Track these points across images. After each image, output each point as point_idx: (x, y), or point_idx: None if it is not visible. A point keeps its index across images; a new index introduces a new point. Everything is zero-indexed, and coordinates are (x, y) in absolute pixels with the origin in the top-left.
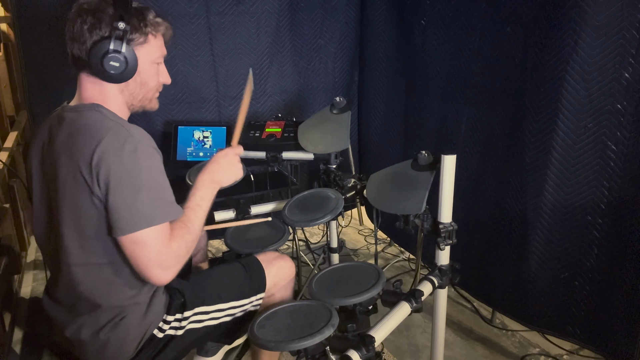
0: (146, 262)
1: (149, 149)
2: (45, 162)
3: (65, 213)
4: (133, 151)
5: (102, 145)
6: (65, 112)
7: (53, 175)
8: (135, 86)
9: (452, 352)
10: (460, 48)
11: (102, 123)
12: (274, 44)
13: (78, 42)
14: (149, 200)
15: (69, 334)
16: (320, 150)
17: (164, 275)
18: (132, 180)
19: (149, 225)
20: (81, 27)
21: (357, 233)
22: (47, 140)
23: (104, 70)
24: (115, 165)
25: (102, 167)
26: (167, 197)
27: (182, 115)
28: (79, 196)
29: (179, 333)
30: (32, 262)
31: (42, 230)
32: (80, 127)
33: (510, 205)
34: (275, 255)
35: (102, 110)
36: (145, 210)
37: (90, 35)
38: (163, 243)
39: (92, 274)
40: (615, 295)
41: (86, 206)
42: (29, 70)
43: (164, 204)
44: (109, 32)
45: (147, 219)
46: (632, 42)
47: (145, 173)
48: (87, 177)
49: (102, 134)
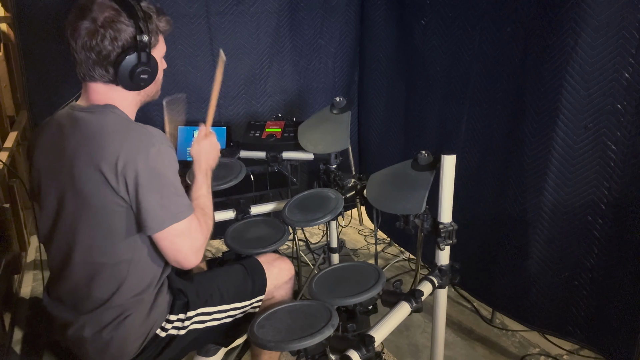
0: (185, 250)
1: (169, 149)
2: (59, 163)
3: (81, 212)
4: (157, 152)
5: (126, 148)
6: (77, 112)
7: (68, 176)
8: (151, 87)
9: (452, 352)
10: (460, 48)
11: (121, 125)
12: (274, 44)
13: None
14: (175, 197)
15: (71, 333)
16: (320, 150)
17: (198, 259)
18: (161, 180)
19: (181, 219)
20: (101, 39)
21: (357, 233)
22: (59, 140)
23: (135, 83)
24: (143, 167)
25: (129, 169)
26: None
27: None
28: (100, 197)
29: (181, 333)
30: (32, 262)
31: (48, 227)
32: (99, 130)
33: (511, 205)
34: (275, 257)
35: (117, 111)
36: (176, 206)
37: (113, 48)
38: (197, 229)
39: (105, 272)
40: (615, 295)
41: (108, 206)
42: (29, 70)
43: (185, 200)
44: (130, 43)
45: (176, 214)
46: (632, 42)
47: (169, 172)
48: (111, 179)
49: (124, 136)
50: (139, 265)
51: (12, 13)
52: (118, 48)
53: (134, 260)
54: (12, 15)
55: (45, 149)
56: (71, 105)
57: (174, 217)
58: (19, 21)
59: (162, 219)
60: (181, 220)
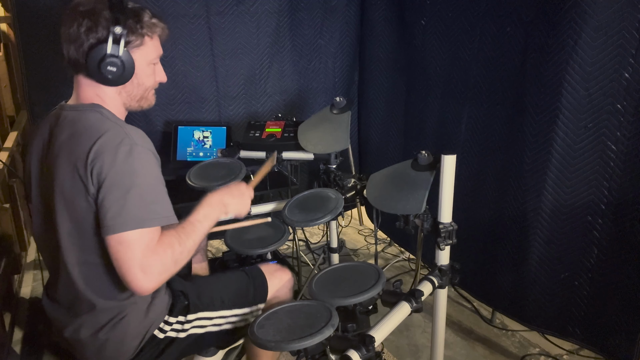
0: (129, 264)
1: (145, 152)
2: (45, 161)
3: (62, 212)
4: (128, 152)
5: (97, 144)
6: (65, 111)
7: (51, 175)
8: (132, 88)
9: (452, 352)
10: (460, 48)
11: (101, 124)
12: (274, 44)
13: (75, 45)
14: (140, 202)
15: (68, 334)
16: (320, 150)
17: (146, 282)
18: (125, 181)
19: (137, 227)
20: (77, 29)
21: (357, 233)
22: (47, 140)
23: (102, 75)
24: (108, 164)
25: (96, 165)
26: (160, 202)
27: (182, 115)
28: (76, 196)
29: (180, 336)
30: (32, 262)
31: (40, 229)
32: (81, 128)
33: (510, 205)
34: (277, 268)
35: (102, 110)
36: (135, 212)
37: (87, 38)
38: (149, 247)
39: (90, 273)
40: (615, 295)
41: (82, 205)
42: (29, 70)
43: (156, 207)
44: (105, 36)
45: (135, 220)
46: (632, 42)
47: (139, 175)
48: (83, 176)
49: (100, 134)
50: None
51: (12, 13)
52: (93, 39)
53: None
54: (12, 15)
55: (36, 150)
56: (61, 105)
57: (133, 222)
58: (19, 21)
59: (118, 221)
60: (138, 228)
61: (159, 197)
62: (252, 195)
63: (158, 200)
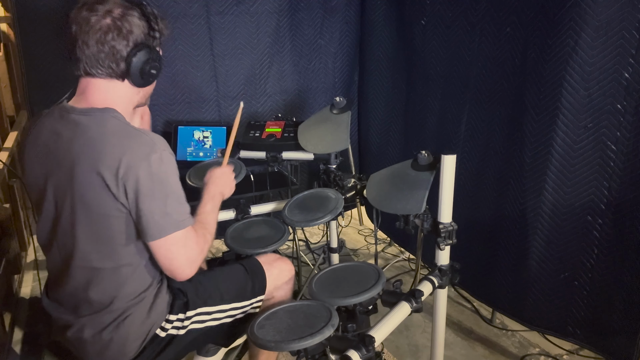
0: (181, 260)
1: (170, 156)
2: (58, 167)
3: (81, 217)
4: (159, 159)
5: (128, 155)
6: (75, 116)
7: (68, 181)
8: (150, 87)
9: (452, 352)
10: (460, 48)
11: (124, 131)
12: (274, 44)
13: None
14: (177, 205)
15: (70, 334)
16: (320, 150)
17: (192, 271)
18: (162, 188)
19: (180, 228)
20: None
21: (357, 233)
22: (57, 145)
23: (144, 79)
24: (144, 175)
25: (130, 176)
26: (185, 201)
27: (182, 115)
28: (100, 202)
29: (181, 333)
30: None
31: (47, 231)
32: (99, 135)
33: (510, 205)
34: (276, 257)
35: (118, 115)
36: (176, 215)
37: (127, 43)
38: (194, 241)
39: (101, 277)
40: (615, 295)
41: (108, 213)
42: (29, 70)
43: (186, 208)
44: (143, 39)
45: (179, 222)
46: (632, 42)
47: (171, 180)
48: (112, 185)
49: (126, 142)
50: (139, 269)
51: (12, 13)
52: (131, 43)
53: (133, 265)
54: (12, 15)
55: (41, 153)
56: (64, 107)
57: (175, 225)
58: (19, 21)
59: (163, 226)
60: (181, 229)
61: (184, 196)
62: (232, 169)
63: (184, 200)
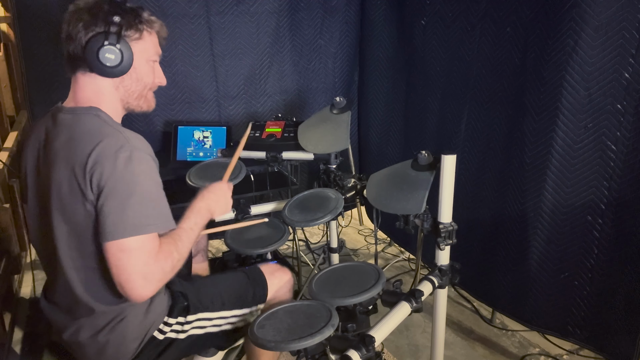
0: (130, 271)
1: (145, 157)
2: (41, 164)
3: (58, 217)
4: (128, 158)
5: (97, 150)
6: (61, 114)
7: (48, 179)
8: (130, 82)
9: (452, 352)
10: (460, 48)
11: (100, 129)
12: (274, 44)
13: (74, 40)
14: (140, 208)
15: (68, 337)
16: (320, 150)
17: (145, 289)
18: (125, 187)
19: (138, 234)
20: (76, 24)
21: (357, 233)
22: (43, 142)
23: (100, 64)
24: (108, 171)
25: (95, 171)
26: (159, 208)
27: (182, 115)
28: (73, 201)
29: (180, 337)
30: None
31: (37, 232)
32: (79, 133)
33: (510, 205)
34: (276, 268)
35: (100, 114)
36: (135, 218)
37: (86, 32)
38: (150, 254)
39: (88, 277)
40: (615, 295)
41: (80, 211)
42: (29, 70)
43: (155, 213)
44: (103, 28)
45: (136, 227)
46: (632, 42)
47: (139, 181)
48: (81, 182)
49: (99, 139)
50: None
51: (12, 13)
52: (91, 32)
53: None
54: (12, 15)
55: (32, 151)
56: (57, 107)
57: (132, 228)
58: (19, 21)
59: (118, 227)
60: (139, 234)
61: (158, 203)
62: (231, 186)
63: (157, 206)
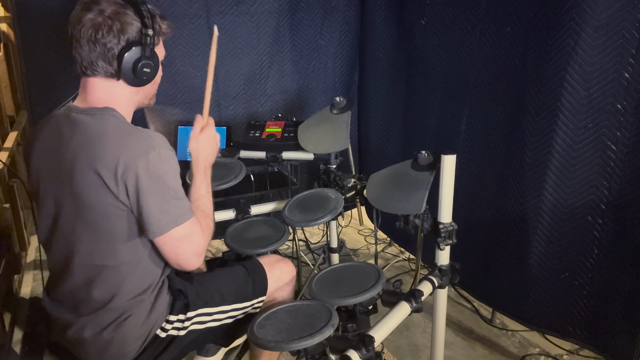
0: (188, 254)
1: (170, 153)
2: (58, 166)
3: (80, 217)
4: (158, 156)
5: (126, 153)
6: (76, 114)
7: (67, 180)
8: (149, 86)
9: (452, 352)
10: (460, 48)
11: (122, 129)
12: (274, 44)
13: (99, 46)
14: (176, 201)
15: (71, 334)
16: (320, 150)
17: (199, 262)
18: (161, 184)
19: (183, 222)
20: (107, 32)
21: (357, 233)
22: (58, 143)
23: (137, 77)
24: (143, 172)
25: (129, 175)
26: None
27: (182, 115)
28: (100, 201)
29: (181, 333)
30: (32, 262)
31: (48, 230)
32: (98, 134)
33: (510, 205)
34: (277, 259)
35: (117, 114)
36: (176, 210)
37: (118, 41)
38: (198, 233)
39: (101, 276)
40: (615, 295)
41: (108, 211)
42: (29, 70)
43: (186, 201)
44: (137, 38)
45: (179, 217)
46: (632, 42)
47: (170, 176)
48: (111, 184)
49: (124, 141)
50: (140, 267)
51: (12, 13)
52: (123, 41)
53: (134, 263)
54: (12, 15)
55: (44, 151)
56: (68, 106)
57: (175, 220)
58: (19, 21)
59: (164, 223)
60: (182, 223)
61: (183, 192)
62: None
63: (183, 195)
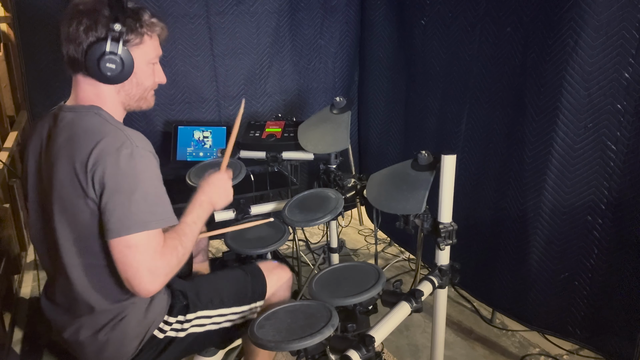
0: (137, 267)
1: (146, 154)
2: (43, 163)
3: (60, 215)
4: (130, 155)
5: (98, 148)
6: (63, 112)
7: (49, 177)
8: (131, 87)
9: (452, 352)
10: (460, 48)
11: (100, 127)
12: (274, 44)
13: (74, 44)
14: (144, 205)
15: (68, 336)
16: (320, 150)
17: (153, 284)
18: (128, 184)
19: (143, 229)
20: (77, 28)
21: (357, 233)
22: (45, 141)
23: (101, 72)
24: (111, 168)
25: (97, 169)
26: (162, 204)
27: (182, 115)
28: (75, 199)
29: (180, 335)
30: (32, 262)
31: (38, 231)
32: (80, 131)
33: (510, 205)
34: (275, 265)
35: (101, 113)
36: (140, 215)
37: (86, 37)
38: (156, 249)
39: (90, 275)
40: (615, 296)
41: (82, 209)
42: (29, 70)
43: (159, 209)
44: (104, 34)
45: (141, 223)
46: (632, 42)
47: (141, 177)
48: (82, 179)
49: (100, 137)
50: None
51: (12, 13)
52: (92, 37)
53: None
54: (12, 15)
55: (34, 150)
56: (59, 105)
57: (137, 224)
58: (19, 21)
59: (123, 224)
60: (145, 230)
61: (161, 198)
62: (231, 175)
63: (160, 202)
